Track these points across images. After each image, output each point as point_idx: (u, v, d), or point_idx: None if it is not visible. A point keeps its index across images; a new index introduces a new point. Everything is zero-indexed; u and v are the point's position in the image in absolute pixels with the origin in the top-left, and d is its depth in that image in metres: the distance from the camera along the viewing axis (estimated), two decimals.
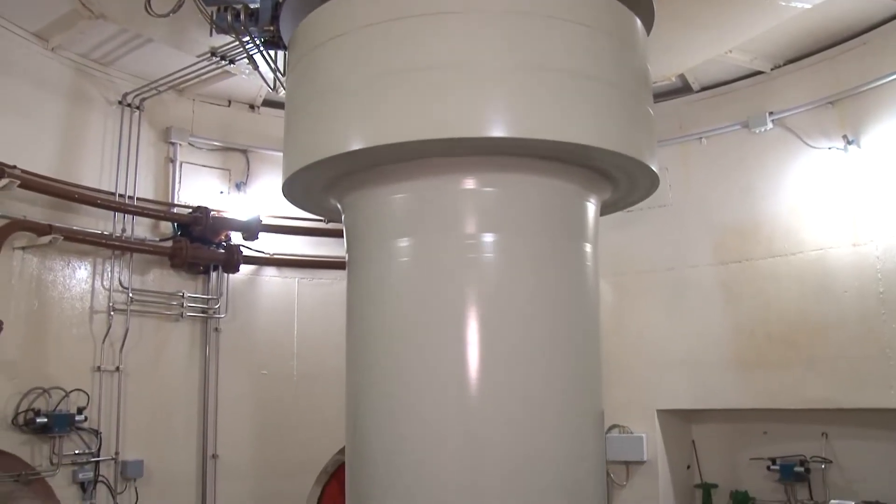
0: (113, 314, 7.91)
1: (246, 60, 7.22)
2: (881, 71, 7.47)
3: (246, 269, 9.02)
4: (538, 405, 5.11)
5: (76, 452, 7.42)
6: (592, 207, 5.66)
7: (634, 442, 8.63)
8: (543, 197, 5.28)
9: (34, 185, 7.24)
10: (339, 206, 5.92)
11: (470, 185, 5.15)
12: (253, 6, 6.00)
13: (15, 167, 7.00)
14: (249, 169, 9.23)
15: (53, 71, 7.78)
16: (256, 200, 9.11)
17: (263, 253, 9.12)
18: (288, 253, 9.26)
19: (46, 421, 7.05)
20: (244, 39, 6.56)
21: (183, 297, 8.53)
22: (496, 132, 4.79)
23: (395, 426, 5.20)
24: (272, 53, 6.67)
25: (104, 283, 7.94)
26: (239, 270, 8.89)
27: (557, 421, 5.17)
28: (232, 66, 7.86)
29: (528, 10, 5.00)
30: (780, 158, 8.29)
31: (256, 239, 8.94)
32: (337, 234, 7.18)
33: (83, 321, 7.76)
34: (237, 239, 8.90)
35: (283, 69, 6.58)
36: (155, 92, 8.39)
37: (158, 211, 8.47)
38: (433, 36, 4.94)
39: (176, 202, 8.64)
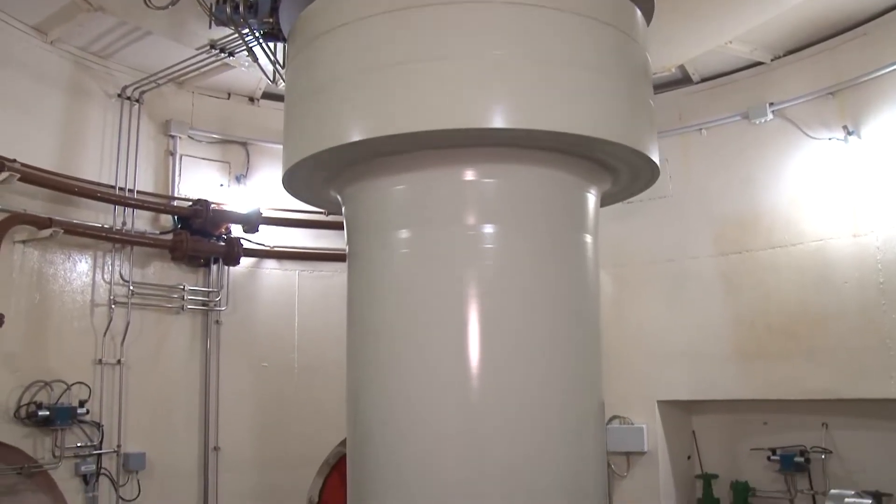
0: (114, 307, 7.91)
1: (245, 53, 7.19)
2: (882, 61, 7.45)
3: (246, 261, 9.02)
4: (539, 397, 5.12)
5: (78, 445, 7.44)
6: (593, 198, 5.66)
7: (635, 433, 8.65)
8: (544, 188, 5.29)
9: (34, 178, 7.24)
10: (339, 197, 5.92)
11: (470, 176, 5.16)
12: None
13: (15, 161, 6.99)
14: (249, 161, 9.23)
15: (52, 64, 7.77)
16: (256, 193, 9.11)
17: (264, 245, 9.12)
18: (288, 245, 9.27)
19: (48, 414, 7.07)
20: (243, 31, 6.55)
21: (183, 289, 8.53)
22: (496, 123, 4.80)
23: (395, 417, 5.22)
24: (271, 45, 6.65)
25: (105, 276, 7.94)
26: (239, 263, 8.89)
27: (558, 412, 5.19)
28: (231, 58, 7.83)
29: (528, 1, 4.98)
30: (780, 149, 8.28)
31: (257, 231, 8.95)
32: (337, 226, 7.17)
33: (84, 314, 7.77)
34: (237, 231, 8.91)
35: (282, 61, 6.57)
36: (154, 85, 8.38)
37: (158, 204, 8.47)
38: (434, 27, 4.94)
39: (176, 195, 8.64)
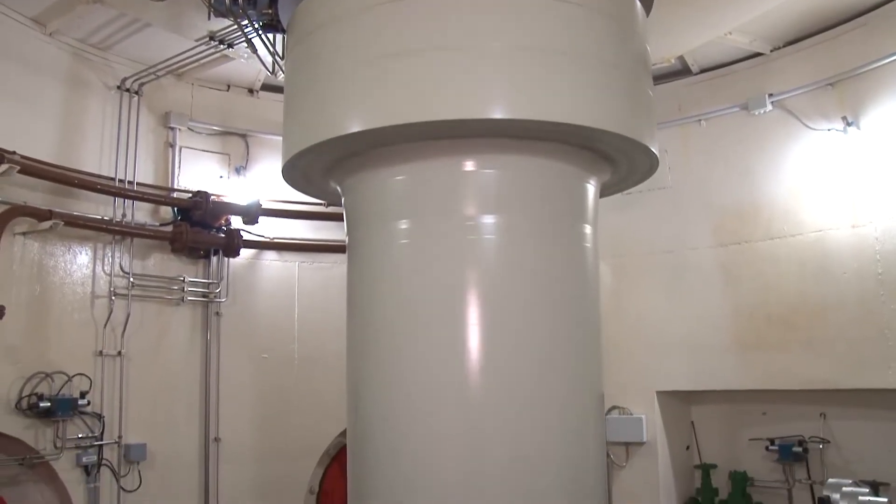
0: (114, 299, 7.93)
1: (244, 44, 7.20)
2: (881, 52, 7.44)
3: (246, 253, 9.04)
4: (539, 388, 5.13)
5: (79, 436, 7.47)
6: (592, 189, 5.67)
7: (634, 423, 8.68)
8: (543, 178, 5.29)
9: (34, 170, 7.24)
10: (339, 189, 5.92)
11: (470, 166, 5.16)
12: None
13: (14, 153, 6.98)
14: (249, 153, 9.23)
15: (51, 56, 7.76)
16: (256, 184, 9.11)
17: (264, 237, 9.13)
18: (288, 237, 9.28)
19: (49, 405, 7.09)
20: (242, 23, 6.55)
21: (184, 281, 8.55)
22: (496, 114, 4.80)
23: (394, 408, 5.23)
24: (271, 37, 6.66)
25: (105, 268, 7.95)
26: (239, 254, 8.91)
27: (558, 403, 5.20)
28: (230, 50, 7.82)
29: None
30: (779, 140, 8.28)
31: (256, 223, 8.94)
32: (337, 217, 7.18)
33: (85, 306, 7.78)
34: (237, 223, 8.91)
35: (281, 53, 6.57)
36: (153, 77, 8.37)
37: (158, 196, 8.47)
38: (433, 18, 4.93)
39: (176, 187, 8.64)
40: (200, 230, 8.52)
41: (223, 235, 8.74)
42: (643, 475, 8.67)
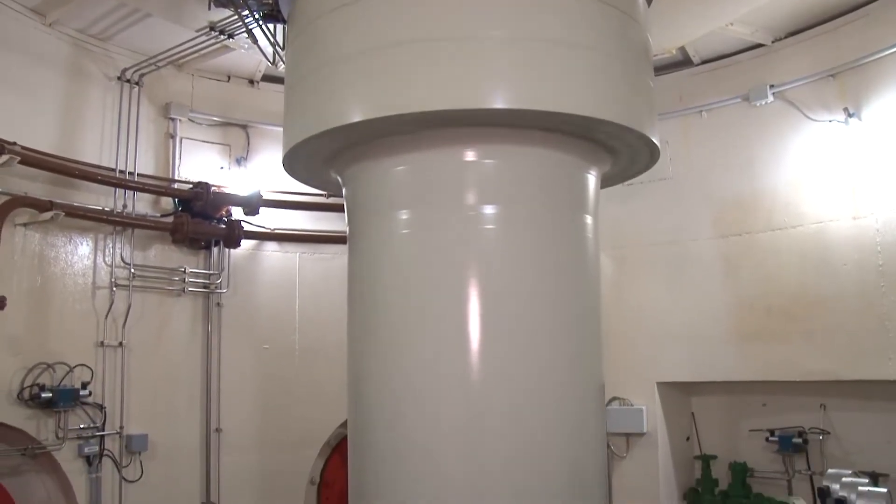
0: (115, 290, 7.94)
1: (245, 35, 7.19)
2: (882, 43, 7.42)
3: (247, 244, 9.04)
4: (540, 378, 5.14)
5: (81, 427, 7.49)
6: (593, 179, 5.66)
7: (634, 414, 8.70)
8: (544, 168, 5.29)
9: (34, 161, 7.23)
10: (339, 179, 5.92)
11: (471, 156, 5.15)
12: None
13: (15, 144, 6.98)
14: (249, 144, 9.22)
15: (52, 47, 7.74)
16: (257, 175, 9.10)
17: (264, 228, 9.13)
18: (289, 228, 9.28)
19: (51, 396, 7.12)
20: (243, 13, 6.53)
21: (184, 272, 8.55)
22: (497, 104, 4.79)
23: (395, 398, 5.23)
24: (271, 27, 6.64)
25: (106, 258, 7.96)
26: (240, 245, 8.91)
27: (559, 393, 5.21)
28: (231, 40, 7.80)
29: None
30: (780, 131, 8.27)
31: (257, 214, 8.95)
32: (338, 208, 7.19)
33: (86, 297, 7.79)
34: (238, 214, 8.91)
35: (282, 43, 6.55)
36: (154, 67, 8.35)
37: (159, 186, 8.47)
38: (434, 7, 4.92)
39: (176, 178, 8.64)
40: (201, 221, 8.52)
41: (224, 226, 8.74)
42: (643, 466, 8.70)
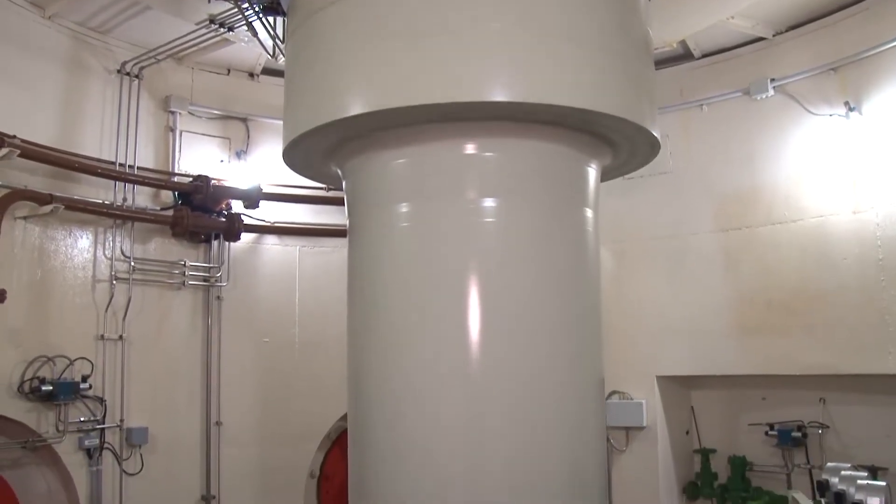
0: (115, 283, 7.94)
1: (245, 27, 7.17)
2: (883, 37, 7.40)
3: (247, 237, 9.04)
4: (540, 372, 5.15)
5: (81, 420, 7.50)
6: (593, 173, 5.66)
7: (634, 408, 8.71)
8: (544, 161, 5.29)
9: (34, 154, 7.23)
10: (339, 172, 5.92)
11: (471, 149, 5.16)
12: None
13: (15, 137, 6.98)
14: (249, 137, 9.20)
15: (51, 40, 7.72)
16: (257, 169, 9.10)
17: (264, 221, 9.13)
18: (289, 221, 9.28)
19: (51, 389, 7.12)
20: (243, 6, 6.52)
21: (184, 265, 8.55)
22: (498, 97, 4.79)
23: (395, 392, 5.25)
24: (271, 20, 6.63)
25: (106, 252, 7.96)
26: (240, 239, 8.91)
27: (559, 387, 5.22)
28: (231, 33, 7.78)
29: None
30: (781, 125, 8.25)
31: (257, 207, 8.95)
32: (338, 201, 7.18)
33: (86, 290, 7.79)
34: (238, 207, 8.91)
35: (282, 36, 6.54)
36: (154, 60, 8.33)
37: (159, 180, 8.47)
38: (434, 0, 4.91)
39: (176, 171, 8.63)
40: (201, 214, 8.52)
41: (224, 220, 8.74)
42: (643, 460, 8.71)
